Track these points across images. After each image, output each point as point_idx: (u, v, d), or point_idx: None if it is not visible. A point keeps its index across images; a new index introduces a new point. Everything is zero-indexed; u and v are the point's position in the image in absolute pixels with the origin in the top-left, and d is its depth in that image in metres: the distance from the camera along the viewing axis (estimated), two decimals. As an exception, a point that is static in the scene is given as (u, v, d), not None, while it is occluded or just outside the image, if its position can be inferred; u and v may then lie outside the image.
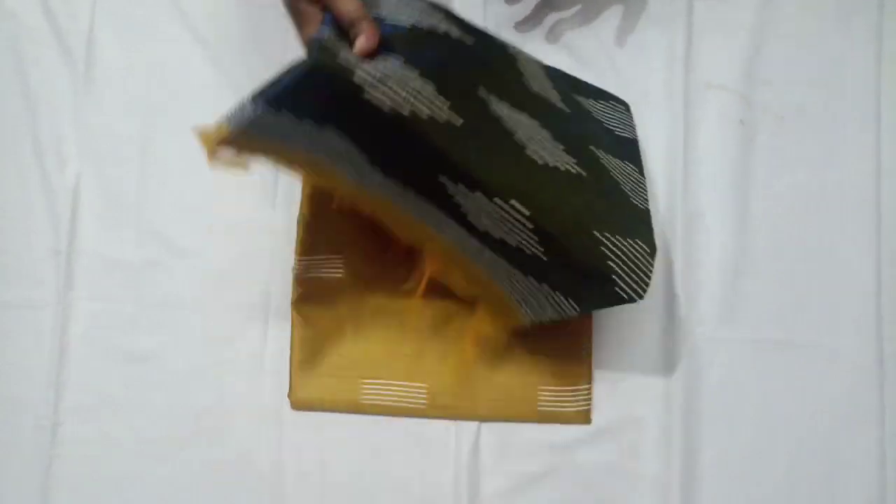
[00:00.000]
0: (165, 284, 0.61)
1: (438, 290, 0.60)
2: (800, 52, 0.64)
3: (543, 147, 0.51)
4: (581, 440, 0.59)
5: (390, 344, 0.61)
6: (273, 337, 0.60)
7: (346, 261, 0.61)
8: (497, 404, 0.60)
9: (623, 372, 0.60)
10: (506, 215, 0.49)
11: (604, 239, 0.49)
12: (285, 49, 0.62)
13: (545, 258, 0.50)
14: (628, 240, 0.50)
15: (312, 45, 0.45)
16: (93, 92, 0.63)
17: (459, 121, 0.47)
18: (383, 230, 0.56)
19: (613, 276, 0.49)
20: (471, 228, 0.51)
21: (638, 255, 0.50)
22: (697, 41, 0.64)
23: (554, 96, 0.57)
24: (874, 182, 0.62)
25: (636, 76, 0.64)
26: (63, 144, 0.62)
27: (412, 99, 0.45)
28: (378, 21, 0.46)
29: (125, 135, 0.62)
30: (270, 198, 0.62)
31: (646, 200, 0.56)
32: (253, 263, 0.61)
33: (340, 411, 0.60)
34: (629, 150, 0.60)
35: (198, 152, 0.61)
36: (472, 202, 0.49)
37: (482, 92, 0.50)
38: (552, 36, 0.65)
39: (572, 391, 0.60)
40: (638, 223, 0.53)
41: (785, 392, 0.60)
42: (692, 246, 0.61)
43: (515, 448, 0.59)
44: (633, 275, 0.49)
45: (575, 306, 0.52)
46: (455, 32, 0.50)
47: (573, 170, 0.52)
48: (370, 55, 0.45)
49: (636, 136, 0.61)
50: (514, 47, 0.56)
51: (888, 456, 0.58)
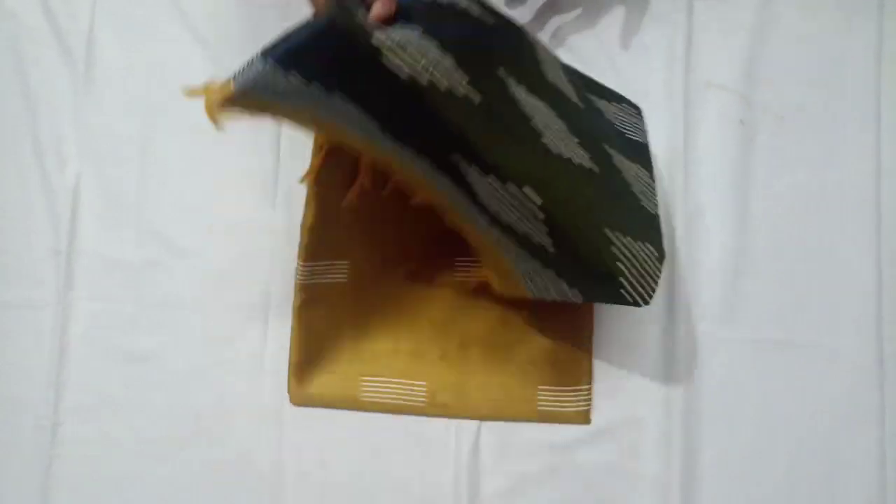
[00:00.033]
0: (165, 284, 0.61)
1: (442, 287, 0.59)
2: (800, 52, 0.64)
3: (559, 137, 0.49)
4: (581, 440, 0.59)
5: (391, 342, 0.60)
6: (273, 337, 0.60)
7: (351, 265, 0.60)
8: (497, 403, 0.59)
9: (623, 372, 0.60)
10: (517, 202, 0.47)
11: (614, 239, 0.48)
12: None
13: (552, 249, 0.49)
14: (639, 243, 0.49)
15: (329, 4, 0.42)
16: (93, 92, 0.63)
17: (478, 98, 0.45)
18: (391, 229, 0.56)
19: (621, 279, 0.48)
20: (481, 209, 0.50)
21: (647, 260, 0.49)
22: (697, 41, 0.63)
23: (569, 90, 0.55)
24: (874, 182, 0.62)
25: (636, 76, 0.64)
26: (63, 144, 0.62)
27: (431, 68, 0.43)
28: None
29: (125, 135, 0.62)
30: (270, 198, 0.62)
31: (655, 205, 0.55)
32: (253, 263, 0.61)
33: (339, 408, 0.59)
34: (640, 154, 0.59)
35: (198, 152, 0.62)
36: (484, 185, 0.47)
37: (501, 72, 0.48)
38: (555, 40, 0.65)
39: (572, 391, 0.59)
40: (648, 227, 0.52)
41: (785, 392, 0.60)
42: (692, 246, 0.61)
43: (515, 448, 0.59)
44: (641, 279, 0.48)
45: (579, 296, 0.51)
46: (475, 11, 0.47)
47: (587, 164, 0.50)
48: (387, 22, 0.42)
49: (647, 141, 0.60)
50: (533, 35, 0.53)
51: (888, 456, 0.58)
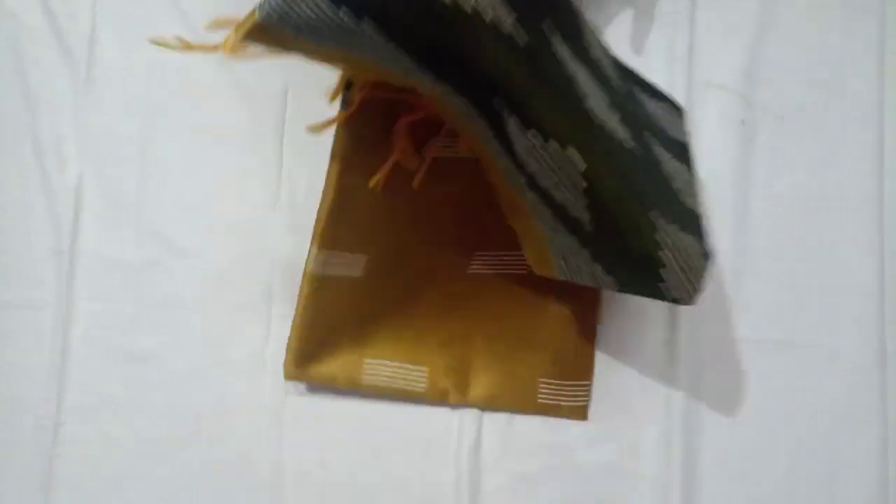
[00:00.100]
0: (165, 284, 0.61)
1: (454, 280, 0.58)
2: (800, 52, 0.64)
3: (601, 108, 0.44)
4: (581, 440, 0.59)
5: (396, 328, 0.59)
6: (274, 337, 0.60)
7: (369, 261, 0.57)
8: (497, 393, 0.59)
9: (624, 371, 0.60)
10: (557, 166, 0.43)
11: (659, 225, 0.43)
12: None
13: (590, 227, 0.44)
14: (684, 234, 0.44)
15: None
16: (93, 92, 0.63)
17: (524, 39, 0.41)
18: (411, 221, 0.53)
19: (661, 271, 0.43)
20: (519, 167, 0.45)
21: (693, 255, 0.44)
22: (698, 41, 0.63)
23: (611, 72, 0.50)
24: (875, 182, 0.62)
25: (636, 76, 0.64)
26: (63, 144, 0.62)
27: None
28: None
29: (125, 135, 0.62)
30: (273, 198, 0.62)
31: (698, 204, 0.50)
32: (254, 264, 0.61)
33: (338, 387, 0.58)
34: (681, 152, 0.55)
35: (198, 152, 0.62)
36: (524, 142, 0.43)
37: (547, 26, 0.43)
38: None
39: (572, 386, 0.59)
40: (691, 223, 0.47)
41: (785, 392, 0.60)
42: (692, 246, 0.61)
43: (515, 448, 0.59)
44: (685, 274, 0.43)
45: (615, 284, 0.47)
46: None
47: (627, 144, 0.45)
48: None
49: (688, 142, 0.57)
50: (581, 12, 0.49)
51: (889, 456, 0.58)
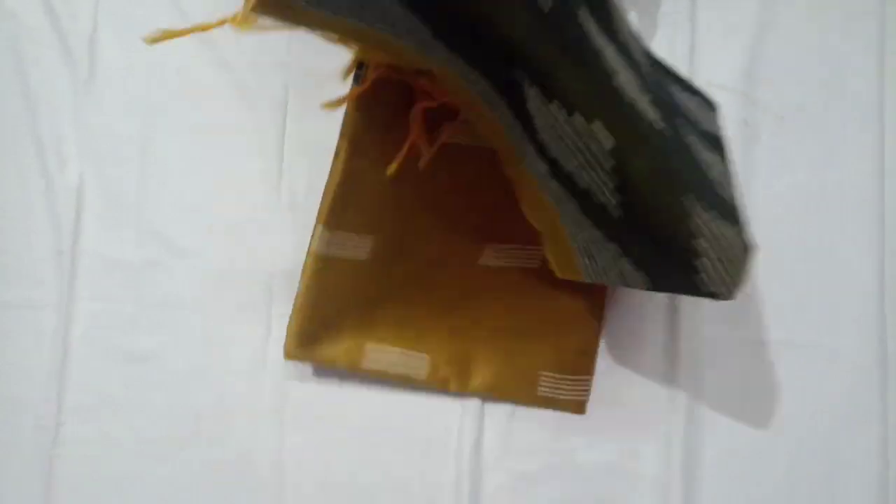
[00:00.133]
0: (165, 284, 0.61)
1: (463, 269, 0.57)
2: (801, 52, 0.64)
3: (630, 87, 0.41)
4: (581, 440, 0.59)
5: (400, 313, 0.58)
6: (275, 338, 0.60)
7: (375, 243, 0.56)
8: (498, 383, 0.58)
9: (624, 372, 0.60)
10: (582, 143, 0.39)
11: (694, 211, 0.39)
12: (288, 48, 0.62)
13: (618, 213, 0.41)
14: (722, 222, 0.40)
15: None
16: (93, 92, 0.63)
17: (548, 4, 0.38)
18: (422, 206, 0.51)
19: (698, 262, 0.40)
20: (540, 148, 0.42)
21: (732, 245, 0.40)
22: (699, 41, 0.63)
23: (640, 57, 0.46)
24: (875, 182, 0.62)
25: (636, 76, 0.64)
26: (63, 144, 0.62)
27: None
28: None
29: (125, 135, 0.62)
30: (274, 199, 0.62)
31: (735, 197, 0.47)
32: (254, 263, 0.61)
33: (338, 368, 0.58)
34: (715, 144, 0.51)
35: (198, 152, 0.62)
36: (546, 118, 0.40)
37: None
38: None
39: (572, 380, 0.59)
40: (730, 212, 0.43)
41: (785, 392, 0.60)
42: (692, 246, 0.61)
43: (516, 448, 0.59)
44: (723, 265, 0.40)
45: (645, 281, 0.43)
46: None
47: (659, 125, 0.41)
48: None
49: (722, 136, 0.54)
50: None
51: (890, 456, 0.58)
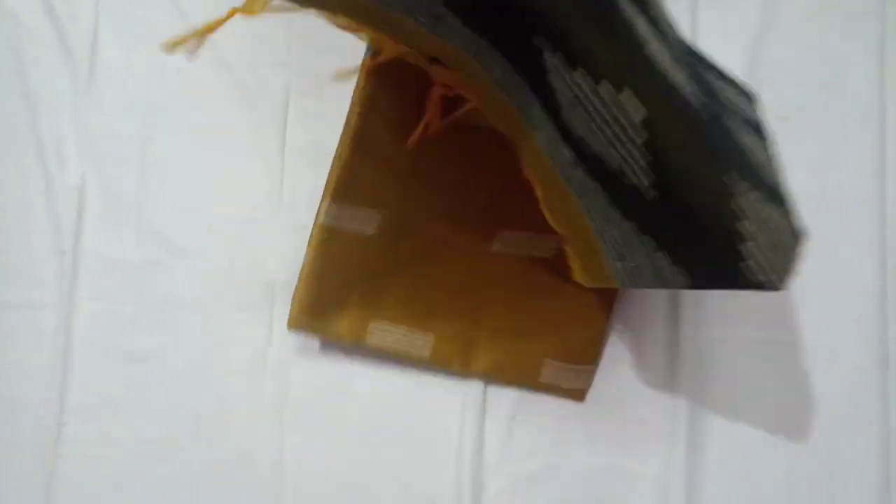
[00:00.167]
0: (165, 284, 0.61)
1: (473, 255, 0.57)
2: (801, 52, 0.63)
3: (663, 59, 0.37)
4: (582, 440, 0.59)
5: (407, 293, 0.57)
6: (276, 338, 0.60)
7: (383, 219, 0.54)
8: (501, 366, 0.58)
9: (627, 372, 0.60)
10: (611, 116, 0.36)
11: (738, 191, 0.35)
12: (288, 47, 0.62)
13: (652, 194, 0.37)
14: (767, 204, 0.36)
15: None
16: (94, 92, 0.63)
17: None
18: (433, 185, 0.50)
19: (742, 248, 0.35)
20: (564, 131, 0.39)
21: (781, 229, 0.36)
22: (699, 41, 0.63)
23: (674, 38, 0.41)
24: (875, 182, 0.62)
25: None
26: (64, 144, 0.62)
27: None
28: None
29: (125, 135, 0.62)
30: (276, 199, 0.61)
31: (782, 183, 0.41)
32: (254, 264, 0.61)
33: (342, 344, 0.58)
34: (756, 129, 0.47)
35: (198, 152, 0.62)
36: (570, 88, 0.37)
37: None
38: None
39: (577, 369, 0.58)
40: (776, 194, 0.39)
41: (787, 392, 0.60)
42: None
43: (517, 448, 0.59)
44: (773, 251, 0.36)
45: (684, 277, 0.39)
46: None
47: (697, 100, 0.37)
48: None
49: (763, 123, 0.49)
50: None
51: (891, 456, 0.58)
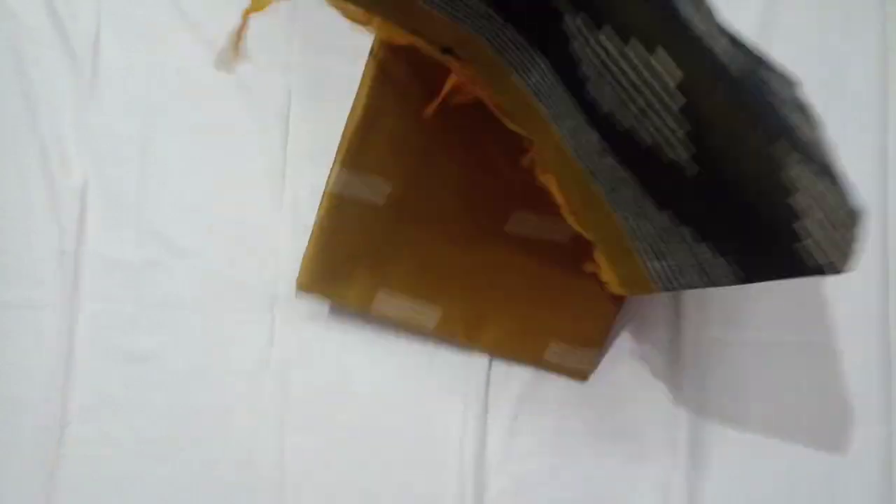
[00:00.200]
0: (165, 284, 0.61)
1: (486, 234, 0.56)
2: (801, 52, 0.63)
3: (699, 21, 0.34)
4: (584, 441, 0.59)
5: (416, 266, 0.57)
6: (278, 338, 0.60)
7: (394, 190, 0.53)
8: (506, 342, 0.58)
9: (628, 373, 0.60)
10: (642, 81, 0.32)
11: (788, 162, 0.32)
12: (290, 48, 0.62)
13: (693, 170, 0.33)
14: (821, 179, 0.33)
15: None
16: (95, 92, 0.62)
17: None
18: (448, 160, 0.49)
19: (796, 225, 0.31)
20: (590, 109, 0.36)
21: (837, 206, 0.33)
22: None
23: (711, 17, 0.38)
24: (876, 182, 0.61)
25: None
26: (65, 145, 0.62)
27: None
28: None
29: (125, 135, 0.62)
30: (277, 199, 0.61)
31: (833, 161, 0.37)
32: (256, 264, 0.61)
33: (349, 309, 0.58)
34: (801, 108, 0.43)
35: (198, 152, 0.62)
36: (596, 54, 0.33)
37: None
38: None
39: (582, 351, 0.58)
40: (830, 172, 0.35)
41: (789, 392, 0.60)
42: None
43: (519, 448, 0.59)
44: (830, 230, 0.32)
45: (733, 269, 0.35)
46: None
47: (736, 66, 0.34)
48: None
49: (807, 105, 0.46)
50: None
51: (893, 457, 0.58)
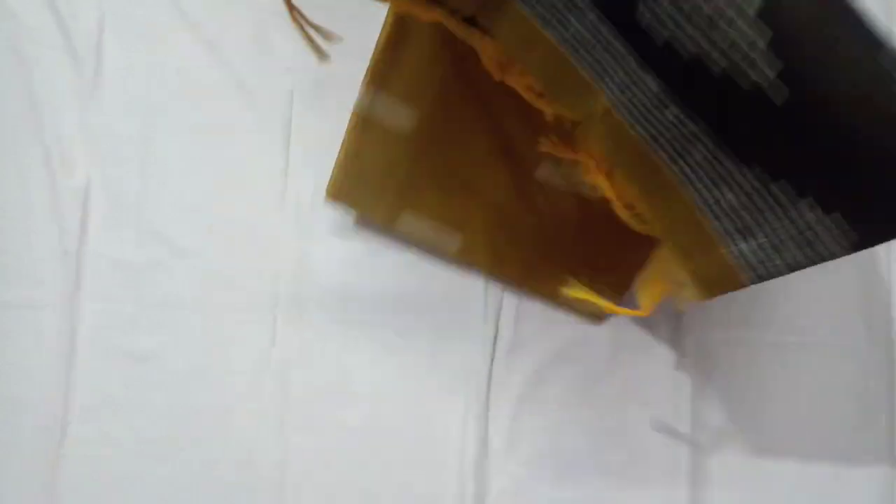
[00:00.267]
0: (166, 284, 0.61)
1: (512, 172, 0.54)
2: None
3: None
4: (585, 442, 0.59)
5: (442, 189, 0.57)
6: (280, 338, 0.60)
7: (423, 117, 0.52)
8: (525, 274, 0.59)
9: (629, 374, 0.60)
10: None
11: None
12: (294, 49, 0.62)
13: (782, 94, 0.29)
14: None
15: None
16: (96, 92, 0.63)
17: None
18: (482, 98, 0.48)
19: None
20: (644, 45, 0.32)
21: None
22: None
23: None
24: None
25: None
26: (67, 144, 0.62)
27: None
28: None
29: (125, 135, 0.62)
30: (278, 200, 0.61)
31: None
32: (257, 264, 0.61)
33: (373, 224, 0.59)
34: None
35: (198, 152, 0.62)
36: None
37: None
38: None
39: (599, 296, 0.56)
40: None
41: (793, 393, 0.59)
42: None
43: (519, 449, 0.59)
44: None
45: (846, 230, 0.30)
46: None
47: None
48: None
49: None
50: None
51: None
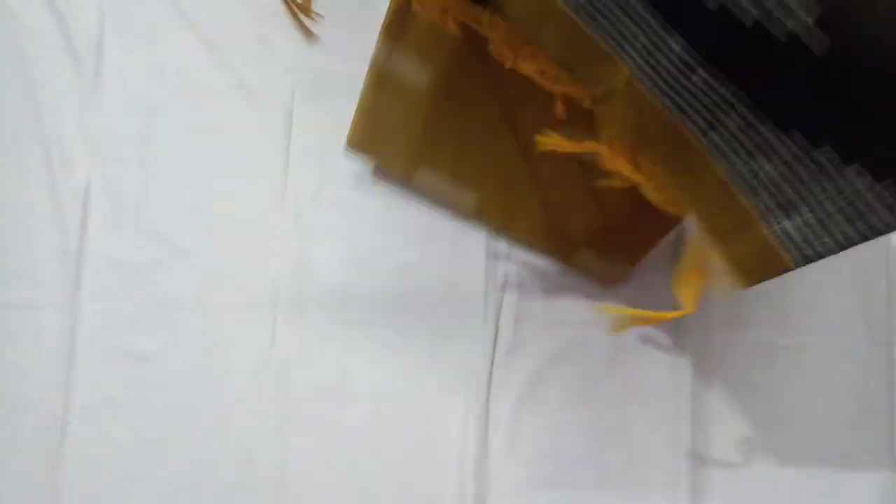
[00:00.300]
0: (166, 284, 0.61)
1: (528, 135, 0.49)
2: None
3: None
4: (585, 441, 0.59)
5: (460, 149, 0.56)
6: (280, 338, 0.60)
7: (438, 73, 0.50)
8: (539, 237, 0.59)
9: (630, 373, 0.60)
10: None
11: None
12: (294, 49, 0.62)
13: (821, 43, 0.27)
14: None
15: None
16: (96, 92, 0.63)
17: None
18: (496, 76, 0.46)
19: None
20: (674, 7, 0.30)
21: None
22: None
23: None
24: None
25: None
26: (66, 144, 0.62)
27: None
28: None
29: (125, 135, 0.62)
30: (279, 200, 0.61)
31: None
32: (257, 264, 0.61)
33: (391, 175, 0.60)
34: None
35: (198, 152, 0.62)
36: None
37: None
38: None
39: (612, 263, 0.56)
40: None
41: (794, 393, 0.60)
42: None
43: (519, 449, 0.59)
44: None
45: (886, 192, 0.28)
46: None
47: None
48: None
49: None
50: None
51: None
